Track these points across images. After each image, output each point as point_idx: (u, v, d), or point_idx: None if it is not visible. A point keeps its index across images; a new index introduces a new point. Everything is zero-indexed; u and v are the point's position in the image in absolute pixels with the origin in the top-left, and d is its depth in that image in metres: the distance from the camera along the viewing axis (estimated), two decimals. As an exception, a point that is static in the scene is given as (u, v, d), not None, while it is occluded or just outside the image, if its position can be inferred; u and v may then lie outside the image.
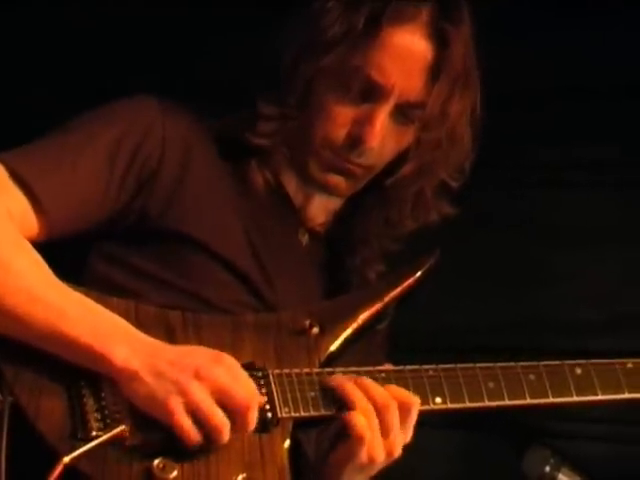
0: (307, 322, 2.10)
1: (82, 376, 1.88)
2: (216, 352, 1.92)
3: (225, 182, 2.22)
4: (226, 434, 1.85)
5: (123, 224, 2.11)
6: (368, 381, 2.01)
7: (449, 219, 2.32)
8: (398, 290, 2.17)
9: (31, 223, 2.00)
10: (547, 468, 2.59)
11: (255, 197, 2.25)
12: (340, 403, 1.98)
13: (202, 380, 1.85)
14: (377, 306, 2.16)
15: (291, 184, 2.27)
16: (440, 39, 2.18)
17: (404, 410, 2.00)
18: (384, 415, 1.98)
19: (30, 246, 1.96)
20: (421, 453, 2.10)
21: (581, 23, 3.09)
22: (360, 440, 1.95)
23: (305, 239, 2.31)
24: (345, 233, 2.34)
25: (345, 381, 2.00)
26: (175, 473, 1.83)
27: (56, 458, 1.78)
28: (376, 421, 1.97)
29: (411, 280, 2.19)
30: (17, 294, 1.87)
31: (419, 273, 2.19)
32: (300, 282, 2.26)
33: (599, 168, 3.18)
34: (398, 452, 2.01)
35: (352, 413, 1.96)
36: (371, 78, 2.16)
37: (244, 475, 1.88)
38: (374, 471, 2.04)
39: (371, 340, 2.22)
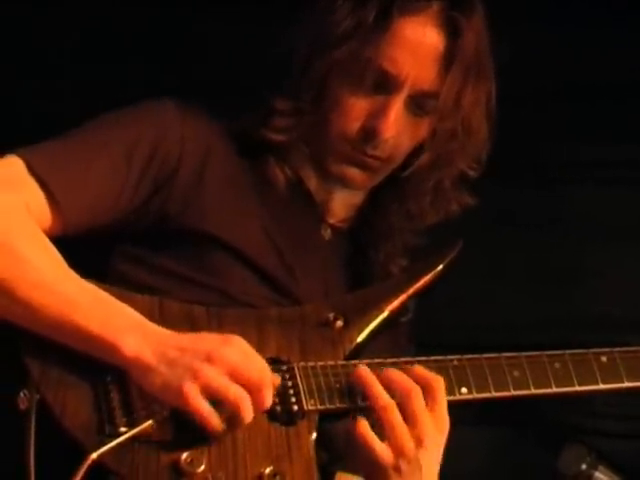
0: (331, 315, 2.10)
1: (108, 372, 1.88)
2: (225, 335, 1.92)
3: (245, 179, 2.23)
4: (247, 410, 1.84)
5: (143, 225, 2.13)
6: (390, 371, 2.00)
7: (476, 216, 2.31)
8: (421, 282, 2.17)
9: (47, 218, 2.02)
10: (584, 466, 2.55)
11: (276, 193, 2.26)
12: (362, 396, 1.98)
13: (214, 362, 1.85)
14: (401, 298, 2.16)
15: (311, 180, 2.27)
16: (451, 28, 2.18)
17: (429, 392, 1.99)
18: (407, 404, 1.96)
19: (46, 239, 1.98)
20: (455, 450, 2.05)
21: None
22: (365, 444, 1.93)
23: (328, 234, 2.31)
24: (367, 228, 2.35)
25: (366, 375, 1.99)
26: (203, 467, 1.82)
27: (83, 454, 1.77)
28: (398, 416, 1.95)
29: (433, 273, 2.18)
30: (31, 285, 1.89)
31: (441, 266, 2.19)
32: (323, 277, 2.27)
33: (631, 165, 3.17)
34: (431, 438, 1.97)
35: (358, 421, 1.95)
36: (383, 69, 2.16)
37: (271, 468, 1.87)
38: (418, 465, 1.97)
39: (396, 331, 2.23)
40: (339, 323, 2.10)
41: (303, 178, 2.27)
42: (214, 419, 1.84)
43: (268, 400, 1.88)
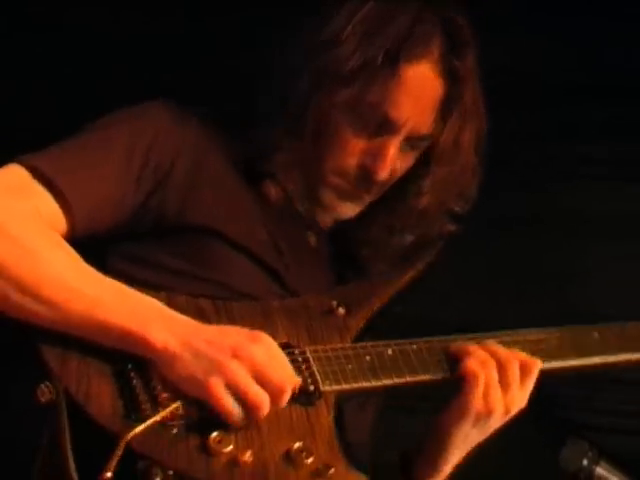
0: (334, 303, 2.17)
1: (128, 359, 1.89)
2: (253, 331, 1.94)
3: (239, 184, 2.27)
4: (264, 411, 1.87)
5: (143, 223, 2.15)
6: (491, 342, 2.15)
7: (478, 218, 2.35)
8: (407, 278, 2.27)
9: (58, 220, 2.03)
10: (585, 461, 2.57)
11: (267, 202, 2.30)
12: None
13: (240, 359, 1.88)
14: (394, 289, 2.25)
15: (301, 202, 2.32)
16: (450, 75, 2.25)
17: (525, 369, 2.12)
18: (506, 369, 2.10)
19: (62, 239, 1.99)
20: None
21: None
22: (474, 379, 2.08)
23: (313, 241, 2.38)
24: (350, 234, 2.40)
25: (467, 345, 2.14)
26: (231, 446, 1.84)
27: (112, 441, 1.77)
28: (496, 374, 2.09)
29: (416, 270, 2.29)
30: (53, 284, 1.89)
31: (422, 265, 2.31)
32: (313, 278, 2.32)
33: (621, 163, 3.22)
34: (515, 410, 2.13)
35: (465, 360, 2.10)
36: (387, 114, 2.21)
37: (299, 444, 1.90)
38: (490, 429, 2.14)
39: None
40: (341, 311, 2.17)
41: (293, 200, 2.31)
42: (236, 413, 1.86)
43: (284, 403, 1.91)
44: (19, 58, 3.26)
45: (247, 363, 1.87)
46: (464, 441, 2.18)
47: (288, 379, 1.92)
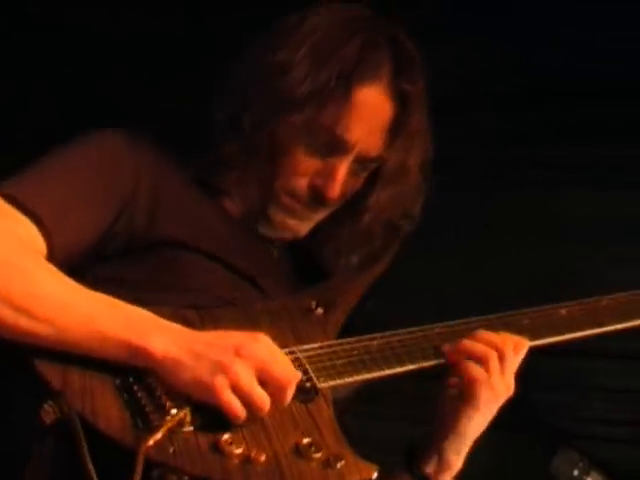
0: (313, 303, 2.23)
1: (128, 371, 1.90)
2: (251, 332, 1.96)
3: (199, 198, 2.32)
4: (265, 411, 1.89)
5: (114, 244, 2.17)
6: (483, 332, 2.20)
7: (463, 220, 2.37)
8: (376, 272, 2.36)
9: (38, 245, 2.04)
10: (576, 472, 2.59)
11: (228, 215, 2.35)
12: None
13: (244, 358, 1.89)
14: (369, 284, 2.33)
15: (254, 222, 2.36)
16: (400, 99, 2.29)
17: (517, 350, 2.19)
18: (505, 356, 2.15)
19: (44, 259, 2.01)
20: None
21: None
22: (478, 384, 2.13)
23: (275, 253, 2.42)
24: (304, 248, 2.45)
25: (462, 340, 2.19)
26: (243, 447, 1.85)
27: (128, 453, 1.77)
28: (498, 364, 2.14)
29: (383, 265, 2.38)
30: (47, 301, 1.90)
31: (388, 258, 2.39)
32: (280, 285, 2.35)
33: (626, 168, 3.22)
34: (512, 387, 2.19)
35: (466, 363, 2.15)
36: (339, 136, 2.25)
37: (308, 439, 1.91)
38: (495, 409, 2.20)
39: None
40: (320, 310, 2.22)
41: (248, 217, 2.35)
42: (241, 412, 1.87)
43: (289, 399, 1.93)
44: (19, 58, 3.27)
45: (251, 361, 1.89)
46: (476, 430, 2.22)
47: (292, 373, 1.95)
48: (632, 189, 3.18)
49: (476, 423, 2.20)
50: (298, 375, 1.97)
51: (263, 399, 1.89)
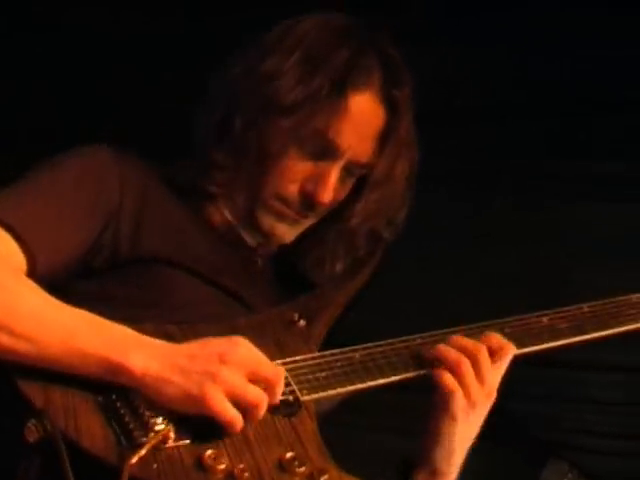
0: (295, 315, 2.22)
1: (111, 389, 1.89)
2: (229, 337, 1.96)
3: (183, 213, 2.31)
4: (263, 408, 1.90)
5: (97, 259, 2.16)
6: (458, 337, 2.18)
7: (460, 229, 2.37)
8: (362, 281, 2.34)
9: (19, 262, 2.03)
10: (566, 482, 2.61)
11: (211, 228, 2.34)
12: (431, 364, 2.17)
13: (229, 364, 1.89)
14: (352, 293, 2.32)
15: (242, 226, 2.34)
16: (389, 105, 2.30)
17: (496, 352, 2.18)
18: (479, 362, 2.14)
19: (25, 276, 2.00)
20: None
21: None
22: (450, 393, 2.12)
23: (259, 262, 2.41)
24: (289, 258, 2.44)
25: (437, 345, 2.17)
26: (226, 462, 1.85)
27: (112, 471, 1.77)
28: (471, 370, 2.13)
29: (368, 274, 2.36)
30: (27, 319, 1.88)
31: (372, 267, 2.37)
32: (265, 296, 2.34)
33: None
34: (494, 392, 2.17)
35: (439, 371, 2.14)
36: (331, 141, 2.25)
37: (291, 454, 1.91)
38: (480, 417, 2.19)
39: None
40: (302, 322, 2.21)
41: (234, 224, 2.34)
42: (239, 420, 1.87)
43: (279, 394, 1.95)
44: (19, 58, 3.27)
45: (237, 366, 1.89)
46: (461, 438, 2.21)
47: (278, 370, 1.96)
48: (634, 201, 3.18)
49: (459, 433, 2.19)
50: (283, 370, 1.98)
51: (259, 396, 1.89)
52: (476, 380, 2.14)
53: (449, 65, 3.09)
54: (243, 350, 1.93)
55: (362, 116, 2.27)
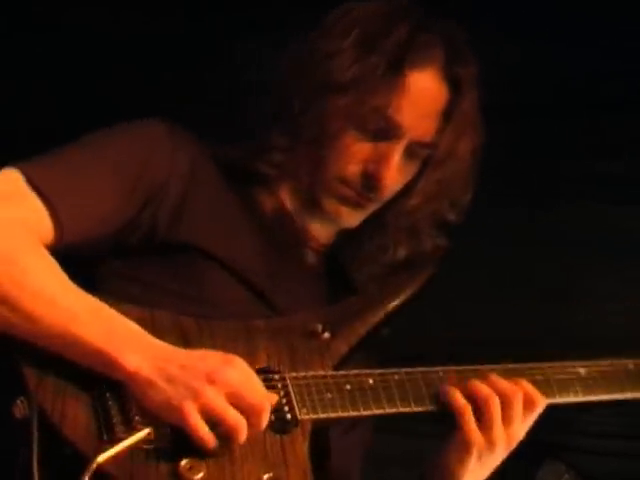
0: (319, 326, 2.15)
1: (104, 382, 1.89)
2: (227, 355, 1.94)
3: (231, 200, 2.26)
4: (243, 434, 1.87)
5: (132, 239, 2.13)
6: (495, 375, 2.14)
7: (468, 234, 2.35)
8: (402, 298, 2.23)
9: (47, 230, 2.01)
10: (562, 483, 2.60)
11: (260, 217, 2.29)
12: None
13: (215, 384, 1.87)
14: (383, 311, 2.21)
15: (296, 211, 2.29)
16: (453, 83, 2.25)
17: (528, 403, 2.13)
18: (511, 404, 2.11)
19: (46, 252, 1.98)
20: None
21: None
22: (469, 425, 2.09)
23: (310, 257, 2.35)
24: (345, 251, 2.38)
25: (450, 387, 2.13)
26: (202, 474, 1.84)
27: (84, 461, 1.77)
28: (499, 409, 2.10)
29: (412, 289, 2.25)
30: (33, 295, 1.88)
31: (420, 283, 2.26)
32: (303, 295, 2.29)
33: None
34: (516, 442, 2.14)
35: (455, 395, 2.10)
36: (390, 119, 2.21)
37: (270, 474, 1.90)
38: (495, 462, 2.16)
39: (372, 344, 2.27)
40: (326, 335, 2.14)
41: (289, 209, 2.29)
42: (210, 440, 1.85)
43: (264, 424, 1.91)
44: (19, 58, 3.28)
45: (222, 387, 1.87)
46: (471, 477, 2.16)
47: (265, 398, 1.92)
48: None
49: (474, 473, 2.15)
50: (272, 397, 1.95)
51: (238, 421, 1.86)
52: (502, 422, 2.11)
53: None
54: (234, 372, 1.90)
55: (422, 93, 2.22)
